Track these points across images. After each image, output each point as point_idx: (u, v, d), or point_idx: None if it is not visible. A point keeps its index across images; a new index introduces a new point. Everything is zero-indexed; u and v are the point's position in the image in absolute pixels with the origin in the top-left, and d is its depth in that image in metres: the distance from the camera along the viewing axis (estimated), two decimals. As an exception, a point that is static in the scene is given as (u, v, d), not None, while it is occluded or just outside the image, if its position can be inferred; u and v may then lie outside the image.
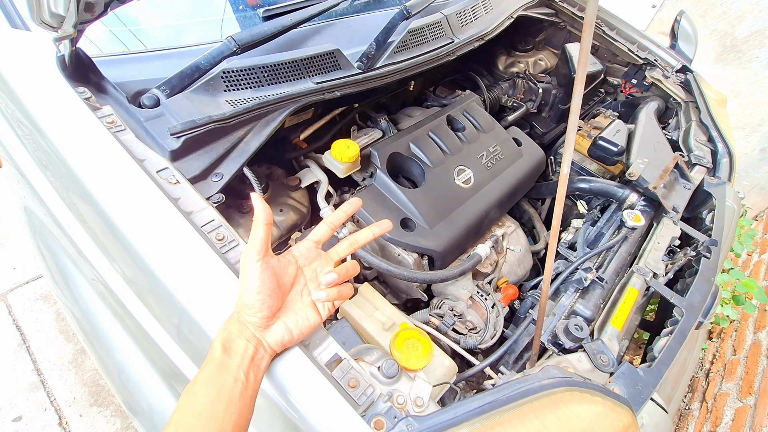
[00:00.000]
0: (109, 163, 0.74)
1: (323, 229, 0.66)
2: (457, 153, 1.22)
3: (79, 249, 0.85)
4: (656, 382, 0.79)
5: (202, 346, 0.68)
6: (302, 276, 0.63)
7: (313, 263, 0.64)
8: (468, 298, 1.06)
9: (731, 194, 1.36)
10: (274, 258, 0.60)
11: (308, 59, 1.04)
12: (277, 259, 0.60)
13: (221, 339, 0.55)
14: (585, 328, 0.85)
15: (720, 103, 1.75)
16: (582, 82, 0.44)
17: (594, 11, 0.44)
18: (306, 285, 0.62)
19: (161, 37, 1.10)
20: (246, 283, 0.57)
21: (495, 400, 0.61)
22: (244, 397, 0.52)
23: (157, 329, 0.76)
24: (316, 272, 0.64)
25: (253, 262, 0.56)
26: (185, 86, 0.93)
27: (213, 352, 0.54)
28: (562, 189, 0.50)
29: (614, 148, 1.35)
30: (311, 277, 0.63)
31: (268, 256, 0.58)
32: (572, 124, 0.47)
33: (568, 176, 1.30)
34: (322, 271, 0.63)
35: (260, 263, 0.57)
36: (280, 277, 0.59)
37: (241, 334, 0.56)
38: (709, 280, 1.05)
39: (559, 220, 0.53)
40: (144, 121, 0.84)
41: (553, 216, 0.53)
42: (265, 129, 0.92)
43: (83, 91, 0.85)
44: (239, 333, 0.56)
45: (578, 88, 0.44)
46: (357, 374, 0.61)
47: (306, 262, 0.64)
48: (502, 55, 1.87)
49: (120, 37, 1.06)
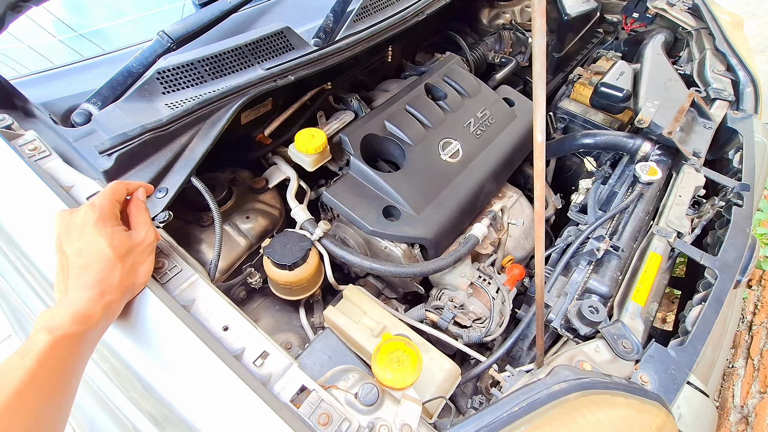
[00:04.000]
0: (26, 198, 0.65)
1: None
2: (440, 125, 1.09)
3: (25, 303, 0.77)
4: (692, 363, 0.68)
5: (143, 398, 0.60)
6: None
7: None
8: (468, 286, 0.95)
9: (759, 127, 1.19)
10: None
11: (254, 43, 0.92)
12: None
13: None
14: (601, 309, 0.73)
15: (736, 26, 1.55)
16: (543, 36, 0.31)
17: None
18: None
19: (110, 40, 1.00)
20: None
21: (495, 421, 0.51)
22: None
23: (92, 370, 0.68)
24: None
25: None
26: (119, 95, 0.83)
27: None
28: (540, 162, 0.38)
29: (618, 93, 1.19)
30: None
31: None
32: (539, 75, 0.34)
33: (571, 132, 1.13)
34: None
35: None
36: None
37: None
38: (744, 232, 0.91)
39: (542, 202, 0.42)
40: (73, 142, 0.75)
41: (535, 198, 0.42)
42: (211, 130, 0.82)
43: (2, 119, 0.76)
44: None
45: (537, 40, 0.31)
46: (328, 407, 0.52)
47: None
48: (484, 7, 1.70)
49: (70, 45, 0.97)
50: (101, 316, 0.50)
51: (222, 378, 0.50)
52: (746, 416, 1.24)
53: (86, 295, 0.50)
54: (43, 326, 0.46)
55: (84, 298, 0.49)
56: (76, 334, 0.47)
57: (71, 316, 0.47)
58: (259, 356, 0.55)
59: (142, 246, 0.57)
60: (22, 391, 0.42)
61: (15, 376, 0.42)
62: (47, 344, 0.45)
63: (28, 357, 0.44)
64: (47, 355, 0.44)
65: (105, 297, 0.51)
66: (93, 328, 0.49)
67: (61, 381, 0.46)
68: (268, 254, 0.81)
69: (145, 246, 0.58)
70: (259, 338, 0.57)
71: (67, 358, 0.46)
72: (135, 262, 0.56)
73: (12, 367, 0.43)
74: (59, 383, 0.46)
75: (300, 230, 0.90)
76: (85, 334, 0.48)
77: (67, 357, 0.46)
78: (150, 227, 0.60)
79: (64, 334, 0.46)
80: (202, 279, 0.61)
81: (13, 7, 0.66)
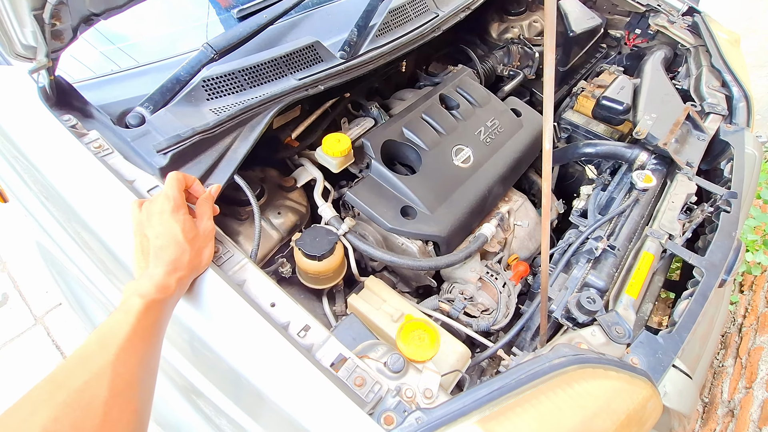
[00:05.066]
0: (99, 189, 0.75)
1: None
2: (453, 132, 1.19)
3: (87, 275, 0.87)
4: (677, 348, 0.76)
5: (206, 360, 0.69)
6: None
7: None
8: (477, 280, 1.04)
9: (751, 140, 1.28)
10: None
11: (288, 56, 1.02)
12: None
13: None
14: (598, 301, 0.82)
15: (733, 44, 1.64)
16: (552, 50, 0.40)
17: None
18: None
19: (142, 52, 1.09)
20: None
21: (504, 386, 0.59)
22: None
23: (171, 351, 0.77)
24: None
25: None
26: (168, 100, 0.92)
27: None
28: (546, 166, 0.48)
29: (619, 106, 1.28)
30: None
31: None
32: (548, 96, 0.44)
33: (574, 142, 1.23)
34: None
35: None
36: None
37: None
38: (730, 235, 0.99)
39: (548, 199, 0.51)
40: (131, 141, 0.84)
41: (542, 196, 0.51)
42: (251, 133, 0.91)
43: (68, 119, 0.85)
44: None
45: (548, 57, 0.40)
46: (363, 372, 0.61)
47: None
48: (494, 21, 1.79)
49: (108, 56, 1.06)
50: (175, 288, 0.60)
51: (276, 344, 0.60)
52: (732, 410, 1.32)
53: (164, 270, 0.59)
54: (134, 292, 0.56)
55: (162, 273, 0.59)
56: (160, 300, 0.57)
57: (154, 286, 0.57)
58: (302, 329, 0.64)
59: (206, 233, 0.67)
60: (131, 338, 0.52)
61: (123, 328, 0.52)
62: (142, 306, 0.55)
63: (130, 314, 0.54)
64: (143, 314, 0.54)
65: (177, 272, 0.60)
66: (170, 297, 0.59)
67: (154, 336, 0.56)
68: (299, 246, 0.90)
69: (207, 233, 0.67)
70: (302, 313, 0.66)
71: (156, 318, 0.56)
72: (200, 246, 0.65)
73: (120, 321, 0.53)
74: (153, 338, 0.56)
75: (327, 226, 0.99)
76: (165, 302, 0.58)
77: (155, 318, 0.56)
78: (211, 218, 0.70)
79: (152, 300, 0.56)
80: (251, 263, 0.71)
81: (86, 20, 0.76)
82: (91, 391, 0.47)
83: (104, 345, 0.51)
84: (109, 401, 0.47)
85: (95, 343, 0.52)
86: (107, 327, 0.53)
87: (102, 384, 0.48)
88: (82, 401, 0.46)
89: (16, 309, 2.12)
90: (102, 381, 0.48)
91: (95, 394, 0.47)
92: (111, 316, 0.55)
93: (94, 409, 0.46)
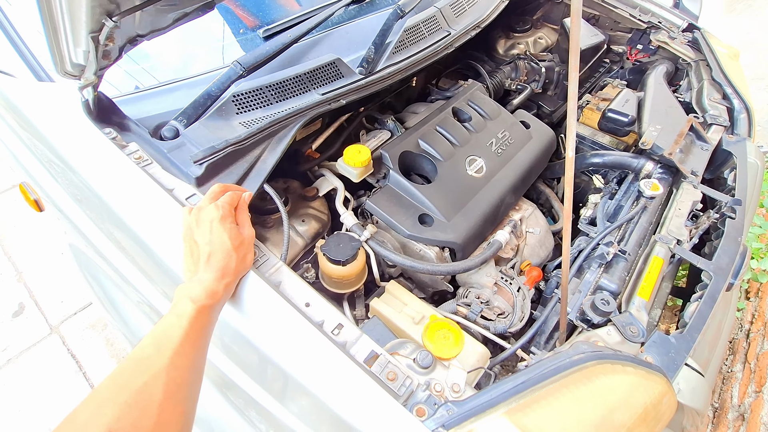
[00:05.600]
0: (143, 195, 0.80)
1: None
2: (466, 144, 1.24)
3: (121, 274, 0.91)
4: (689, 348, 0.80)
5: (246, 356, 0.73)
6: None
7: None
8: (493, 285, 1.08)
9: (753, 150, 1.33)
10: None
11: (312, 72, 1.08)
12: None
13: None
14: (612, 302, 0.86)
15: (732, 58, 1.70)
16: (576, 69, 0.46)
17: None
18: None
19: (173, 70, 1.15)
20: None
21: (528, 380, 0.63)
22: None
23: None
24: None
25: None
26: (200, 114, 0.98)
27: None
28: (569, 173, 0.52)
29: (624, 118, 1.34)
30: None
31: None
32: (571, 110, 0.48)
33: (581, 153, 1.28)
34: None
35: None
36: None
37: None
38: (736, 240, 1.03)
39: (570, 202, 0.55)
40: (167, 152, 0.90)
41: (564, 199, 0.55)
42: (279, 145, 0.97)
43: (109, 132, 0.91)
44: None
45: (572, 76, 0.45)
46: (394, 367, 0.65)
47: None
48: (501, 38, 1.87)
49: (134, 75, 1.12)
50: (223, 293, 0.64)
51: (314, 341, 0.64)
52: (743, 414, 1.34)
53: (213, 276, 0.63)
54: (186, 296, 0.60)
55: (212, 278, 0.63)
56: (209, 306, 0.61)
57: (205, 291, 0.61)
58: (336, 327, 0.68)
59: (249, 239, 0.71)
60: (183, 343, 0.56)
61: (177, 332, 0.56)
62: (194, 311, 0.59)
63: (183, 318, 0.58)
64: (195, 319, 0.59)
65: (225, 278, 0.64)
66: (218, 302, 0.63)
67: (203, 340, 0.60)
68: (324, 251, 0.94)
69: (249, 239, 0.72)
70: (335, 312, 0.70)
71: (206, 323, 0.61)
72: (245, 252, 0.69)
73: (173, 325, 0.57)
74: (202, 342, 0.60)
75: (349, 232, 1.03)
76: (214, 307, 0.62)
77: (205, 322, 0.61)
78: (251, 225, 0.74)
79: (203, 305, 0.60)
80: (285, 266, 0.75)
81: (132, 40, 0.82)
82: (148, 392, 0.51)
83: (160, 348, 0.55)
84: (162, 403, 0.51)
85: (151, 346, 0.55)
86: (161, 330, 0.57)
87: (158, 386, 0.51)
88: (141, 402, 0.50)
89: (32, 318, 2.16)
90: (158, 383, 0.51)
91: (152, 396, 0.50)
92: (164, 319, 0.59)
93: (151, 410, 0.50)
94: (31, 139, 1.02)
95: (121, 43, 0.80)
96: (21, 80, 1.02)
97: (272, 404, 0.72)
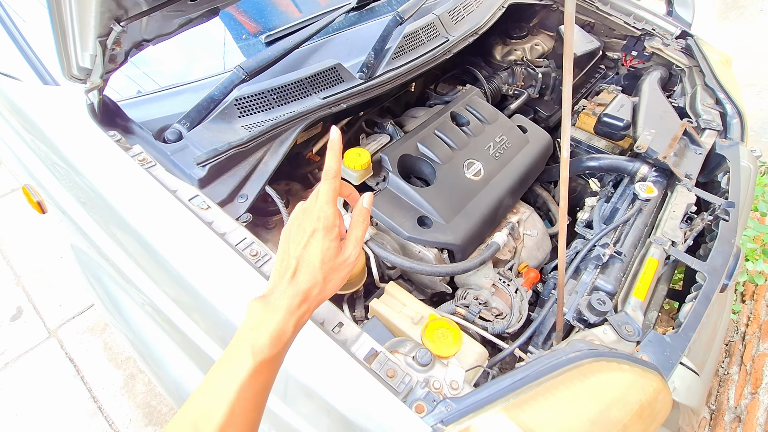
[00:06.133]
0: (147, 196, 0.81)
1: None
2: (465, 147, 1.26)
3: (125, 275, 0.92)
4: (684, 347, 0.81)
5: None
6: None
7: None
8: (491, 286, 1.10)
9: (745, 154, 1.35)
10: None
11: (313, 77, 1.10)
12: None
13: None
14: (608, 302, 0.87)
15: (725, 64, 1.74)
16: (570, 72, 0.47)
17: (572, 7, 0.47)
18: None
19: (174, 74, 1.17)
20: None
21: (526, 376, 0.64)
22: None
23: (207, 343, 0.83)
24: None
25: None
26: (203, 117, 1.00)
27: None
28: (564, 173, 0.54)
29: (620, 123, 1.36)
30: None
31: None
32: (566, 113, 0.50)
33: (577, 157, 1.31)
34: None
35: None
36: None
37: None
38: (729, 242, 1.05)
39: (565, 201, 0.57)
40: (171, 155, 0.91)
41: (560, 198, 0.57)
42: (280, 148, 0.98)
43: (113, 134, 0.92)
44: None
45: (567, 79, 0.47)
46: (394, 365, 0.66)
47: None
48: (497, 44, 1.90)
49: (136, 80, 1.14)
50: (292, 333, 0.53)
51: (316, 339, 0.65)
52: (739, 415, 1.36)
53: (290, 302, 0.52)
54: (248, 347, 0.50)
55: (286, 306, 0.52)
56: (272, 357, 0.50)
57: (270, 338, 0.50)
58: (336, 325, 0.70)
59: (345, 263, 0.57)
60: (233, 411, 0.48)
61: (226, 399, 0.48)
62: (251, 370, 0.49)
63: (235, 382, 0.49)
64: (252, 378, 0.49)
65: (303, 305, 0.53)
66: (284, 346, 0.52)
67: (261, 399, 0.52)
68: (325, 252, 0.96)
69: (348, 262, 0.58)
70: (335, 311, 0.71)
71: (267, 380, 0.52)
72: (335, 278, 0.56)
73: (224, 389, 0.49)
74: (259, 401, 0.52)
75: (348, 234, 1.05)
76: (279, 355, 0.52)
77: (266, 379, 0.51)
78: (359, 245, 0.59)
79: (263, 360, 0.50)
80: (286, 265, 0.76)
81: (138, 45, 0.84)
82: None
83: (204, 418, 0.47)
84: None
85: (190, 426, 0.47)
86: (209, 389, 0.49)
87: None
88: None
89: (30, 322, 2.16)
90: None
91: None
92: (216, 375, 0.50)
93: None
94: (36, 142, 1.03)
95: (128, 47, 0.81)
96: (27, 84, 1.04)
97: (273, 401, 0.72)
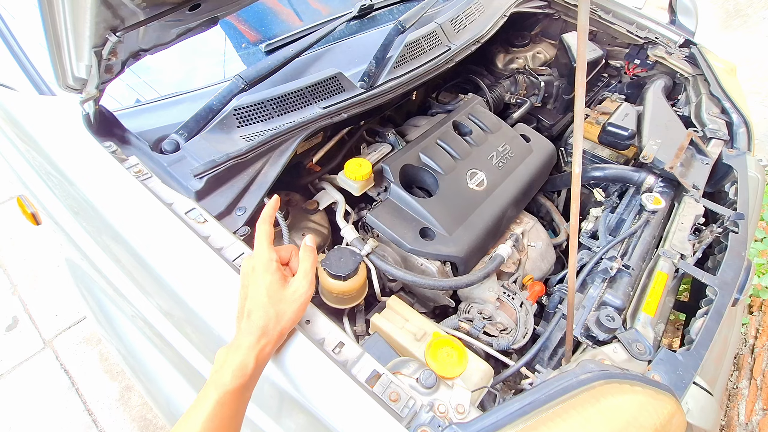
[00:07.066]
0: (141, 210, 0.79)
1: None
2: (467, 157, 1.24)
3: (118, 290, 0.89)
4: (697, 365, 0.78)
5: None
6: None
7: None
8: (495, 300, 1.07)
9: (753, 164, 1.33)
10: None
11: (313, 86, 1.08)
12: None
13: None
14: (617, 318, 0.84)
15: (729, 73, 1.72)
16: (583, 85, 0.45)
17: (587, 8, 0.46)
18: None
19: (173, 83, 1.16)
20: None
21: (535, 400, 0.61)
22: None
23: (198, 359, 0.80)
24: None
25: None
26: (201, 127, 0.98)
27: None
28: (575, 188, 0.52)
29: (624, 132, 1.34)
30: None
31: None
32: (578, 126, 0.48)
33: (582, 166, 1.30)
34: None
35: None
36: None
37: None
38: (740, 255, 1.03)
39: (576, 217, 0.55)
40: (167, 166, 0.89)
41: (571, 214, 0.55)
42: (280, 158, 0.96)
43: (109, 145, 0.90)
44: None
45: (579, 92, 0.45)
46: (397, 387, 0.63)
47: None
48: (500, 53, 1.89)
49: (135, 89, 1.12)
50: (254, 367, 0.55)
51: (315, 360, 0.62)
52: (751, 432, 1.32)
53: (249, 340, 0.56)
54: (212, 383, 0.54)
55: (246, 345, 0.56)
56: (236, 390, 0.53)
57: (231, 372, 0.54)
58: (337, 345, 0.67)
59: (296, 294, 0.61)
60: None
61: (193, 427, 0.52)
62: (215, 402, 0.53)
63: (201, 414, 0.52)
64: (217, 410, 0.53)
65: (262, 340, 0.56)
66: (247, 378, 0.55)
67: (230, 428, 0.55)
68: (325, 266, 0.93)
69: (298, 294, 0.61)
70: (336, 330, 0.69)
71: (233, 411, 0.54)
72: (285, 309, 0.59)
73: (192, 423, 0.52)
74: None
75: (349, 246, 1.02)
76: (244, 387, 0.55)
77: (232, 411, 0.54)
78: (308, 276, 0.63)
79: (226, 392, 0.53)
80: (285, 282, 0.74)
81: (134, 55, 0.82)
82: None
83: None
84: None
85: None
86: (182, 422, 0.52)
87: None
88: None
89: (25, 332, 2.13)
90: None
91: None
92: (187, 411, 0.53)
93: None
94: (31, 152, 1.01)
95: (124, 57, 0.80)
96: (22, 93, 1.02)
97: (268, 423, 0.69)
